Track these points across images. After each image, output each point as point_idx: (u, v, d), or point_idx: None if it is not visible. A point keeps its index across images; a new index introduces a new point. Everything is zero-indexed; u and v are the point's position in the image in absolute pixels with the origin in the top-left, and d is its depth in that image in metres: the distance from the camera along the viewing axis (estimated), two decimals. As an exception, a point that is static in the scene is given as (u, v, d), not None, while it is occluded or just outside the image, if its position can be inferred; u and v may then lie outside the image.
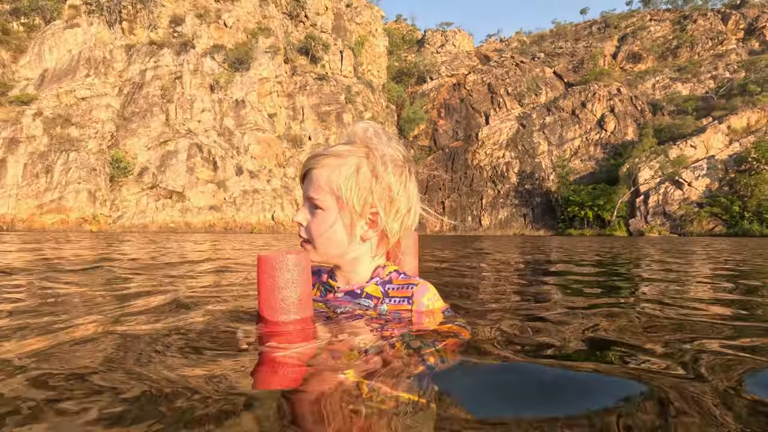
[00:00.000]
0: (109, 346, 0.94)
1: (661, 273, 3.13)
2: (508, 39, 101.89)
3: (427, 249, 7.41)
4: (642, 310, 1.51)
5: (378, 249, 1.16)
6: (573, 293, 2.01)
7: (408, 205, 1.13)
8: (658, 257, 5.41)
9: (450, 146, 70.24)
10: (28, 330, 1.12)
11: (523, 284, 2.44)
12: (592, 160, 63.51)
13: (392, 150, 1.11)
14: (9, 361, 0.84)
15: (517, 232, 60.29)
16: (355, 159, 1.09)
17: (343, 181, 1.07)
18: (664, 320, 1.35)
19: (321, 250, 1.13)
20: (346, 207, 1.08)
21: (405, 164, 1.13)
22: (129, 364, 0.82)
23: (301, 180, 1.17)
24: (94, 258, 4.26)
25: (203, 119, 44.85)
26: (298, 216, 1.15)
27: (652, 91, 71.00)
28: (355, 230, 1.11)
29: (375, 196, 1.08)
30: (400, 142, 1.16)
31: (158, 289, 1.93)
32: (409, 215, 1.15)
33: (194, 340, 1.00)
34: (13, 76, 43.05)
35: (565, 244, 11.18)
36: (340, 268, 1.18)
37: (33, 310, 1.43)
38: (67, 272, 2.78)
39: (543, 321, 1.33)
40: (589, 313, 1.47)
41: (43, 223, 35.57)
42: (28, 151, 37.23)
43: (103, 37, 45.53)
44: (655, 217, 52.11)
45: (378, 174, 1.08)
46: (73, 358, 0.86)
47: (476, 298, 1.91)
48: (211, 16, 50.82)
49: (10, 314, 1.35)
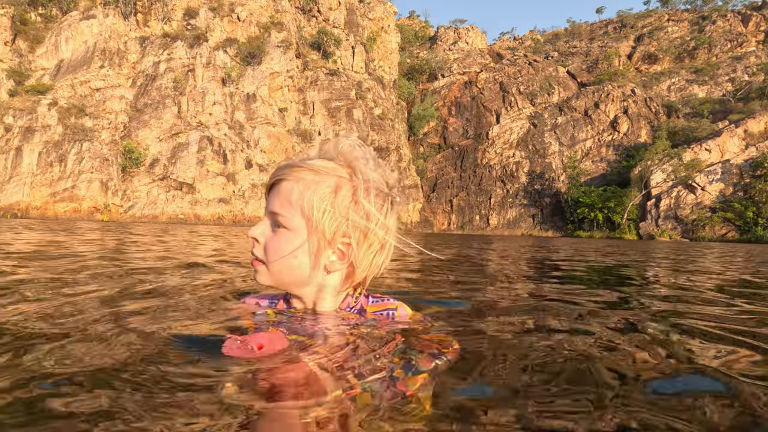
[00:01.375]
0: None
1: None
2: (522, 37, 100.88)
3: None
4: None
5: (344, 285, 1.02)
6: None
7: (382, 240, 0.98)
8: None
9: (460, 144, 69.90)
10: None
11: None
12: (604, 162, 62.79)
13: (378, 176, 0.97)
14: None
15: (525, 232, 59.91)
16: (335, 179, 0.94)
17: (317, 200, 0.93)
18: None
19: (275, 274, 0.98)
20: (315, 231, 0.94)
21: (389, 194, 0.99)
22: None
23: (267, 191, 1.01)
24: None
25: (214, 112, 45.19)
26: (254, 230, 0.99)
27: (668, 93, 69.86)
28: (320, 259, 0.95)
29: (350, 224, 0.94)
30: (387, 169, 1.03)
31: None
32: (381, 252, 1.00)
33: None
34: (30, 65, 43.78)
35: (577, 247, 11.10)
36: (299, 299, 1.03)
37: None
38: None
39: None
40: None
41: (56, 211, 36.22)
42: (43, 140, 37.88)
43: (118, 28, 46.03)
44: (667, 221, 51.42)
45: (358, 200, 0.94)
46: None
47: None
48: (225, 10, 51.07)
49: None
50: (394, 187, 1.02)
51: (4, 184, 36.25)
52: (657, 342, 1.14)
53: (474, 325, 1.27)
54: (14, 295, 1.51)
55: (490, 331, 1.19)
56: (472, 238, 21.49)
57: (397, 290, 1.92)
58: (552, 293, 2.12)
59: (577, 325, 1.34)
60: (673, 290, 2.43)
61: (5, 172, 36.48)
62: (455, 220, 64.70)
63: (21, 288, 1.67)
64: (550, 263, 4.49)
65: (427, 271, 3.04)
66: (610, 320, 1.38)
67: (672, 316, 1.54)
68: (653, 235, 49.42)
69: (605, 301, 1.86)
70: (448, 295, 1.93)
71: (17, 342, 0.91)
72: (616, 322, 1.36)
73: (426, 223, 62.07)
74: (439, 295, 1.92)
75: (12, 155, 36.78)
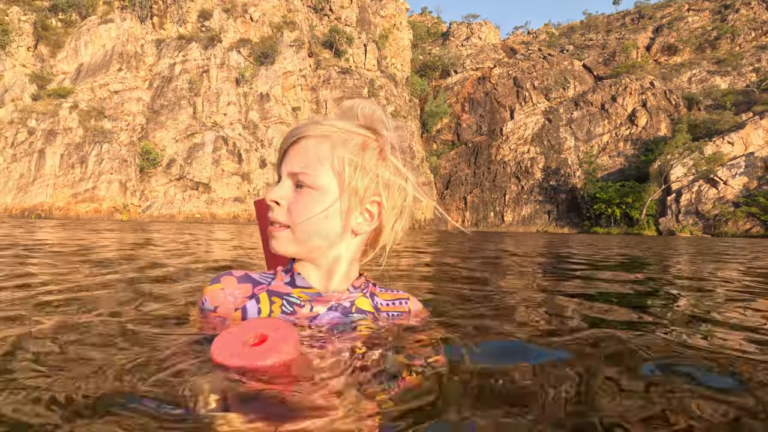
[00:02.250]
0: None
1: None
2: (536, 31, 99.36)
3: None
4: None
5: (362, 255, 0.97)
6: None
7: (406, 201, 0.95)
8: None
9: (473, 141, 69.32)
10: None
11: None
12: (621, 157, 61.49)
13: (398, 136, 0.95)
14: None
15: (541, 229, 59.14)
16: (361, 137, 0.91)
17: (348, 155, 0.88)
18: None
19: (300, 239, 0.89)
20: (348, 189, 0.88)
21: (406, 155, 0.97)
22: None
23: (282, 154, 0.94)
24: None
25: (229, 112, 45.76)
26: (274, 193, 0.91)
27: (688, 85, 67.96)
28: (350, 219, 0.90)
29: (380, 180, 0.90)
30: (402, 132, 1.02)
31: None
32: (401, 217, 0.95)
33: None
34: (52, 70, 44.99)
35: (594, 244, 10.91)
36: (315, 268, 0.93)
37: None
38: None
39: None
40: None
41: (77, 212, 37.22)
42: (65, 143, 38.93)
43: (135, 32, 46.94)
44: (687, 216, 50.11)
45: (386, 156, 0.92)
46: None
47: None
48: (238, 11, 51.60)
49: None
50: (405, 151, 0.98)
51: (28, 185, 37.40)
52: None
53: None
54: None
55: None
56: (487, 235, 21.28)
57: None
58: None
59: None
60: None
61: (29, 173, 37.62)
62: (469, 217, 64.25)
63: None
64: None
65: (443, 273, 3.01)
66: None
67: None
68: (673, 231, 48.23)
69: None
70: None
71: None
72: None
73: (440, 221, 61.80)
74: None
75: (35, 157, 37.90)
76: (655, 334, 1.10)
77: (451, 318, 1.18)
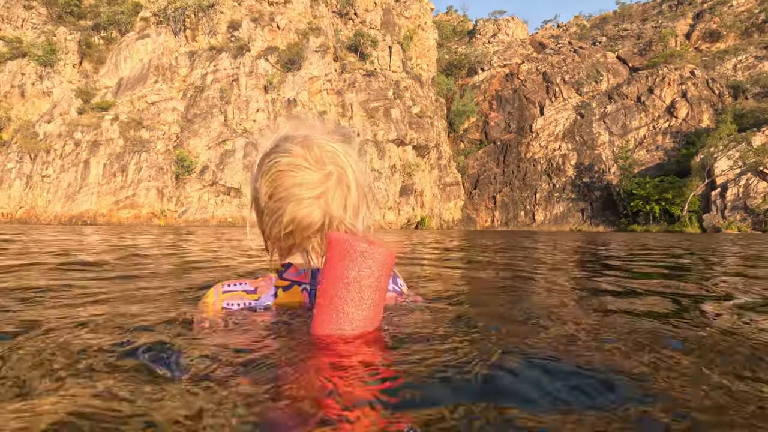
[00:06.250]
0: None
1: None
2: (566, 24, 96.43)
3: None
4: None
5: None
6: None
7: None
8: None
9: (502, 139, 68.04)
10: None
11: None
12: (660, 151, 58.64)
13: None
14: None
15: (574, 227, 57.28)
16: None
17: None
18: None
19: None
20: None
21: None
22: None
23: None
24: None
25: (258, 119, 47.02)
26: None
27: (733, 73, 64.00)
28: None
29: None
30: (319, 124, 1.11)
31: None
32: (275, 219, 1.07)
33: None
34: (95, 84, 47.78)
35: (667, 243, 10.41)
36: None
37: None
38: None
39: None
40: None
41: (119, 218, 39.28)
42: (107, 153, 41.21)
43: (169, 45, 49.12)
44: (734, 211, 47.14)
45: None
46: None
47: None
48: (265, 19, 52.98)
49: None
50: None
51: (75, 194, 39.82)
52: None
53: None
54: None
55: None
56: (518, 234, 20.72)
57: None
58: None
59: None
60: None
61: (76, 183, 40.05)
62: (499, 216, 63.08)
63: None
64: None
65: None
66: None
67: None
68: (719, 228, 45.50)
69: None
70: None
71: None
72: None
73: (468, 221, 60.95)
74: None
75: (81, 168, 40.31)
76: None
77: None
